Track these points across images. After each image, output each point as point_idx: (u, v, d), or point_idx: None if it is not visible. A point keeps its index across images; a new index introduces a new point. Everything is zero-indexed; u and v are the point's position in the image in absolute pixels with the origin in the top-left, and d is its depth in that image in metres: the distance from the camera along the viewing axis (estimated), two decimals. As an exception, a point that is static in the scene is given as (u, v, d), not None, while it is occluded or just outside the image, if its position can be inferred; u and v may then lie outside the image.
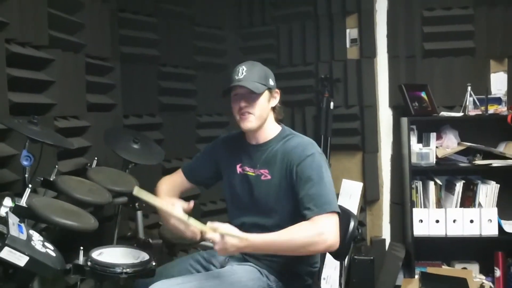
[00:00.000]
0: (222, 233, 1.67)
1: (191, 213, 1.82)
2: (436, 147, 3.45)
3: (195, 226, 1.74)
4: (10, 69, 2.35)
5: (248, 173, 1.98)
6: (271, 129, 1.99)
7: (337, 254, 2.11)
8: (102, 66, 3.20)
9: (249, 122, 1.92)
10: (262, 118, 1.94)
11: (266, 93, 1.94)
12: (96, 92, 3.14)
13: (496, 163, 3.31)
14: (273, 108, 2.00)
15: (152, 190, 3.44)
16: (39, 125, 2.17)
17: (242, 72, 1.91)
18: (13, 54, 2.36)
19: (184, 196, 2.10)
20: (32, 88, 2.60)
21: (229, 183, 2.06)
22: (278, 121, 2.03)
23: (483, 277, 3.40)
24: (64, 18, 2.81)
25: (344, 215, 2.09)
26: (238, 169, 2.01)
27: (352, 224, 2.06)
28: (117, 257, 1.95)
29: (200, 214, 3.88)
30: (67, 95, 2.79)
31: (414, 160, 3.38)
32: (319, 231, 1.73)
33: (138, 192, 1.79)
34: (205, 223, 1.72)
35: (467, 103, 3.39)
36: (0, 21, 2.30)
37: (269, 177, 1.92)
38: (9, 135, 2.35)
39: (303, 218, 1.78)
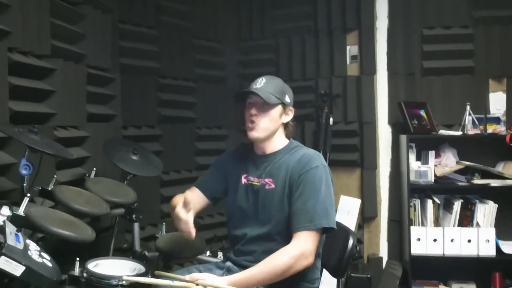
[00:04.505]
0: (204, 284, 1.69)
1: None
2: (435, 165, 3.46)
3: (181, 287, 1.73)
4: (12, 78, 2.35)
5: (253, 182, 2.00)
6: (279, 142, 2.02)
7: (335, 272, 2.09)
8: (103, 77, 3.21)
9: (255, 132, 1.96)
10: (269, 130, 1.97)
11: (279, 107, 1.98)
12: (96, 102, 3.15)
13: (494, 183, 3.31)
14: (285, 125, 2.03)
15: (150, 201, 3.44)
16: (39, 134, 2.16)
17: (261, 82, 1.97)
18: (15, 63, 2.36)
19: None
20: (33, 97, 2.60)
21: (233, 194, 2.07)
22: (288, 137, 2.06)
23: (480, 297, 3.39)
24: (66, 28, 2.82)
25: (343, 232, 2.08)
26: (243, 180, 2.03)
27: (351, 241, 2.03)
28: (113, 269, 1.93)
29: (198, 228, 3.85)
30: (68, 105, 2.79)
31: (412, 178, 3.39)
32: (300, 252, 1.78)
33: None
34: (201, 236, 1.71)
35: (466, 122, 3.40)
36: (3, 30, 2.31)
37: (273, 186, 1.94)
38: (9, 143, 2.34)
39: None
